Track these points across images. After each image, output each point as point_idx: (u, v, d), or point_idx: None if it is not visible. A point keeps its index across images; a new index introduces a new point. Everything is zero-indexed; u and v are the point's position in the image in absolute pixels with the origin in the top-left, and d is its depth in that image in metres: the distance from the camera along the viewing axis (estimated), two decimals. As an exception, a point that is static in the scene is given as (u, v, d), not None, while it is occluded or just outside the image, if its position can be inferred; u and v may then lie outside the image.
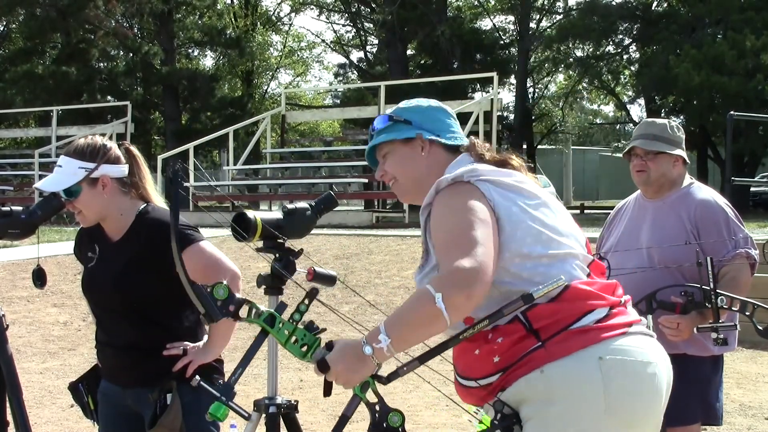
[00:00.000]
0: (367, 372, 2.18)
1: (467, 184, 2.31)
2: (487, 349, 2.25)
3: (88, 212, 3.12)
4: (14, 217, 3.21)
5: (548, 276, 2.24)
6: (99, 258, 3.21)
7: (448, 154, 2.50)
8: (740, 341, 3.89)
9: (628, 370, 2.21)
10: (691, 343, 3.59)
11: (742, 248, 3.61)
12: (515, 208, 2.30)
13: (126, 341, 3.13)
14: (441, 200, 2.32)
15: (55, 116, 23.97)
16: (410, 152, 2.49)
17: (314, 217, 2.68)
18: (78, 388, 3.35)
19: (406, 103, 2.58)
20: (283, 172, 20.14)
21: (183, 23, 33.28)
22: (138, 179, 3.19)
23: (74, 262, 11.81)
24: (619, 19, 27.99)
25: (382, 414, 2.21)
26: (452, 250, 2.18)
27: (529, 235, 2.28)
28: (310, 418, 5.47)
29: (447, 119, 2.56)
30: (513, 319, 2.23)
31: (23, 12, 32.01)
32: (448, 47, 30.28)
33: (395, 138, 2.50)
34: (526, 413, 2.23)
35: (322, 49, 45.15)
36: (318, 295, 2.32)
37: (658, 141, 3.74)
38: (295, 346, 2.26)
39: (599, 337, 2.22)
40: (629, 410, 2.22)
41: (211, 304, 2.23)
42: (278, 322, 2.27)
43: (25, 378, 4.58)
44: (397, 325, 2.15)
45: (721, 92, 22.12)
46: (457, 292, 2.11)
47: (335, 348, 2.20)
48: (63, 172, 3.10)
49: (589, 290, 2.28)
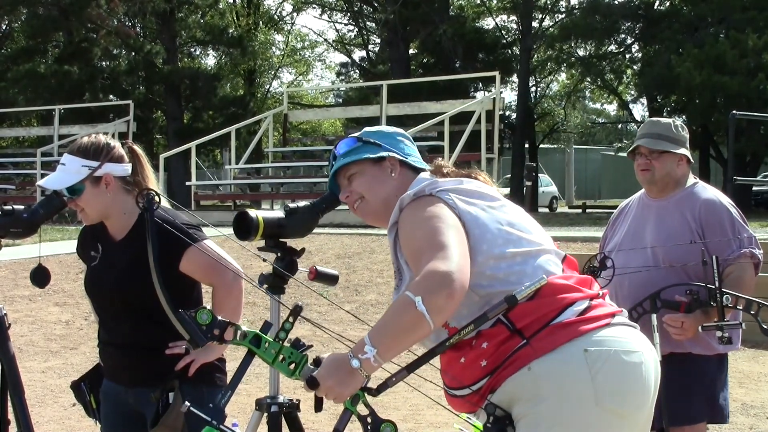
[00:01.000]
0: (357, 385, 2.17)
1: (429, 196, 2.34)
2: (473, 355, 2.26)
3: (91, 211, 3.12)
4: (16, 216, 3.21)
5: (524, 274, 2.26)
6: (102, 257, 3.21)
7: (414, 176, 2.53)
8: (743, 341, 3.89)
9: (614, 359, 2.21)
10: (696, 342, 3.59)
11: (747, 248, 3.61)
12: (480, 212, 2.33)
13: (128, 340, 3.13)
14: (406, 216, 2.34)
15: (57, 115, 23.97)
16: (380, 172, 2.52)
17: (316, 216, 2.68)
18: (80, 387, 3.35)
19: (371, 129, 2.64)
20: (285, 171, 20.14)
21: (185, 22, 33.25)
22: (141, 178, 3.19)
23: (76, 261, 11.83)
24: (622, 18, 27.95)
25: (374, 426, 2.19)
26: (425, 255, 2.18)
27: (498, 236, 2.30)
28: (311, 417, 5.48)
29: (410, 146, 2.62)
30: (495, 322, 2.23)
31: (25, 11, 32.01)
32: (450, 46, 30.24)
33: (367, 156, 2.52)
34: (518, 412, 2.23)
35: (324, 49, 45.05)
36: (302, 312, 2.30)
37: (663, 140, 3.74)
38: (283, 365, 2.25)
39: (583, 330, 2.22)
40: (619, 400, 2.21)
41: (195, 330, 2.22)
42: (264, 343, 2.25)
43: (27, 377, 4.58)
44: (381, 334, 2.14)
45: (723, 92, 22.08)
46: (437, 292, 2.10)
47: (323, 364, 2.19)
48: (66, 170, 3.10)
49: (566, 284, 2.29)
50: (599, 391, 2.18)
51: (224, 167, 26.81)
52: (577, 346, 2.20)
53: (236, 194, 19.96)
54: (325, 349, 8.46)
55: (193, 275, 3.15)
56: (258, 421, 2.60)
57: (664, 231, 3.69)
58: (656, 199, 3.81)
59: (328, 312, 8.99)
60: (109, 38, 31.37)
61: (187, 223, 3.13)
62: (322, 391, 2.17)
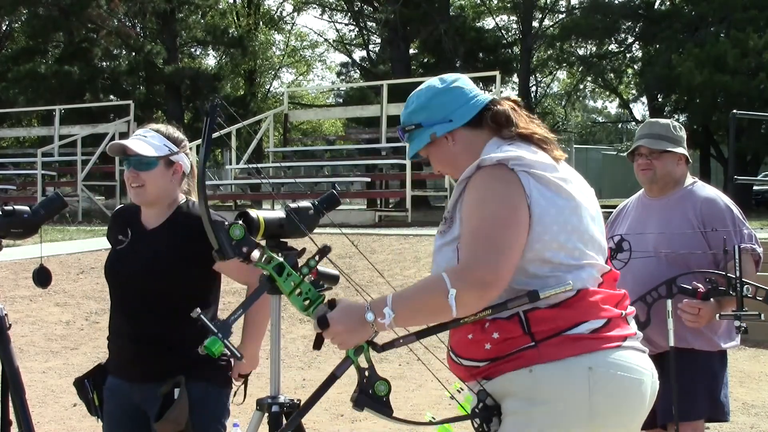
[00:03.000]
0: (365, 337, 2.20)
1: (511, 171, 2.26)
2: (481, 337, 2.28)
3: (152, 189, 3.14)
4: (17, 216, 3.21)
5: (562, 281, 2.24)
6: (130, 242, 3.22)
7: (472, 130, 2.44)
8: (743, 340, 3.90)
9: (615, 384, 2.23)
10: (698, 336, 3.61)
11: (747, 243, 3.63)
12: (551, 209, 2.26)
13: (140, 331, 3.12)
14: (482, 178, 2.28)
15: (57, 115, 23.96)
16: (439, 149, 2.47)
17: (317, 216, 2.67)
18: (84, 384, 3.34)
19: (410, 105, 2.51)
20: (285, 171, 20.14)
21: (186, 22, 33.28)
22: (189, 180, 3.28)
23: (76, 261, 11.87)
24: (622, 17, 27.98)
25: (370, 380, 2.21)
26: (479, 245, 2.19)
27: (556, 240, 2.26)
28: (312, 417, 5.49)
29: (451, 96, 2.46)
30: (513, 315, 2.24)
31: (26, 11, 32.02)
32: (451, 46, 30.25)
33: (419, 146, 2.49)
34: (508, 407, 2.25)
35: (324, 48, 45.11)
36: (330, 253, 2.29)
37: (663, 140, 3.77)
38: (298, 299, 2.26)
39: (592, 347, 2.23)
40: (612, 422, 2.25)
41: (225, 241, 2.22)
42: (286, 273, 2.25)
43: (27, 377, 4.57)
44: (403, 305, 2.18)
45: (723, 91, 22.10)
46: (472, 293, 2.14)
47: (337, 307, 2.21)
48: (148, 141, 3.14)
49: (592, 300, 2.29)
50: (594, 410, 2.20)
51: (225, 167, 26.82)
52: (582, 362, 2.21)
53: (237, 194, 19.95)
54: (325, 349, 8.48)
55: (228, 273, 3.19)
56: (259, 421, 2.59)
57: (667, 228, 3.70)
58: (657, 198, 3.83)
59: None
60: (110, 38, 31.41)
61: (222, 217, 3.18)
62: (329, 334, 2.19)
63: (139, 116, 28.28)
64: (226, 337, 2.22)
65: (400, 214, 17.63)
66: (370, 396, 2.21)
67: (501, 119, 2.42)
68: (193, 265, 3.10)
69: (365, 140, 21.42)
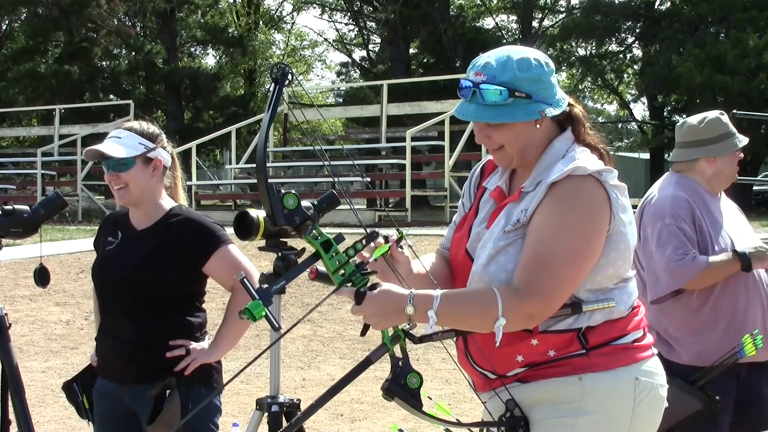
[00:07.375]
0: (397, 323, 2.16)
1: (600, 186, 2.16)
2: (512, 349, 2.23)
3: (134, 188, 3.12)
4: (17, 215, 3.22)
5: (612, 296, 2.24)
6: (120, 243, 3.22)
7: (554, 125, 2.29)
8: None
9: (654, 393, 2.27)
10: None
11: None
12: (626, 230, 2.22)
13: (128, 334, 3.12)
14: (570, 191, 2.16)
15: (57, 115, 23.95)
16: (528, 128, 2.24)
17: (316, 216, 2.67)
18: (72, 388, 3.33)
19: (521, 67, 2.21)
20: (285, 171, 20.12)
21: (185, 22, 33.28)
22: (172, 178, 3.26)
23: (76, 261, 11.84)
24: (622, 17, 27.98)
25: (403, 371, 2.17)
26: (543, 276, 2.12)
27: (626, 263, 2.25)
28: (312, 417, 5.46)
29: (552, 79, 2.27)
30: (570, 331, 2.22)
31: (26, 11, 32.02)
32: (451, 46, 30.25)
33: (522, 118, 2.21)
34: (544, 415, 2.23)
35: (324, 48, 45.17)
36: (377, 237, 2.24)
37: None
38: (342, 279, 2.20)
39: (637, 357, 2.26)
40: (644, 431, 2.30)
41: (278, 208, 2.18)
42: (333, 251, 2.20)
43: (27, 377, 4.58)
44: (448, 312, 2.13)
45: (723, 91, 22.10)
46: (520, 323, 2.15)
47: (379, 290, 2.15)
48: (123, 143, 3.12)
49: (637, 310, 2.32)
50: (635, 421, 2.23)
51: (225, 167, 26.81)
52: (630, 373, 2.23)
53: (237, 194, 19.94)
54: (325, 348, 8.48)
55: (216, 276, 3.17)
56: (258, 421, 2.60)
57: (738, 224, 3.70)
58: (716, 196, 3.72)
59: (329, 311, 9.01)
60: (110, 38, 31.40)
61: (218, 223, 3.17)
62: (363, 310, 2.14)
63: (139, 116, 28.23)
64: (267, 306, 2.15)
65: (400, 214, 17.60)
66: (402, 386, 2.17)
67: (581, 122, 2.32)
68: (181, 266, 3.09)
69: (365, 140, 21.41)
